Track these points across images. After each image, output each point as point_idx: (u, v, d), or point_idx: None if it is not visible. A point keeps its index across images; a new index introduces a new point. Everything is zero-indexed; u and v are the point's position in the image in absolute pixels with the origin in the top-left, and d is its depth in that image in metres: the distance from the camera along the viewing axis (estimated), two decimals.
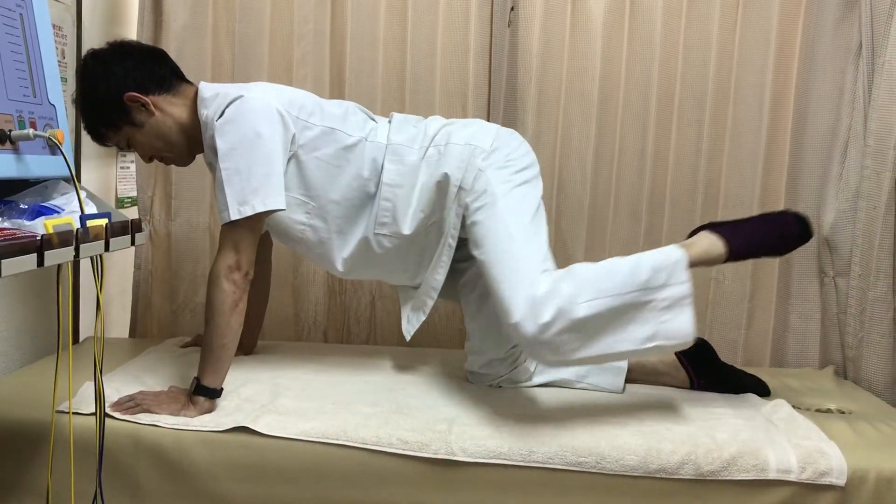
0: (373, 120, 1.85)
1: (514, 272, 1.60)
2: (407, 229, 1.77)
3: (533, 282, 1.57)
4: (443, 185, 1.74)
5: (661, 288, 1.59)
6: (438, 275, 1.80)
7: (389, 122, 1.85)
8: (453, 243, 1.77)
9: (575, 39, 2.28)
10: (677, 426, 1.59)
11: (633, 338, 1.58)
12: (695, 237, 1.71)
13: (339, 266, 1.85)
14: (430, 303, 1.82)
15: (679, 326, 1.59)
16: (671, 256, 1.62)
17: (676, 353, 1.94)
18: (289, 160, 1.72)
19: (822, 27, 2.14)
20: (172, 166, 2.09)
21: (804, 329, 2.26)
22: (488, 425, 1.57)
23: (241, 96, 1.67)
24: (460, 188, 1.73)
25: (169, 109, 1.75)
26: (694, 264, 1.63)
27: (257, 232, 1.69)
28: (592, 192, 2.31)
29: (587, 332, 1.55)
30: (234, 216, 1.62)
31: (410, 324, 1.87)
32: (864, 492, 1.46)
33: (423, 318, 1.84)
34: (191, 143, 1.79)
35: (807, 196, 2.21)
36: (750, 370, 1.97)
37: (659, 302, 1.58)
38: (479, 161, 1.72)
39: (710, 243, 1.67)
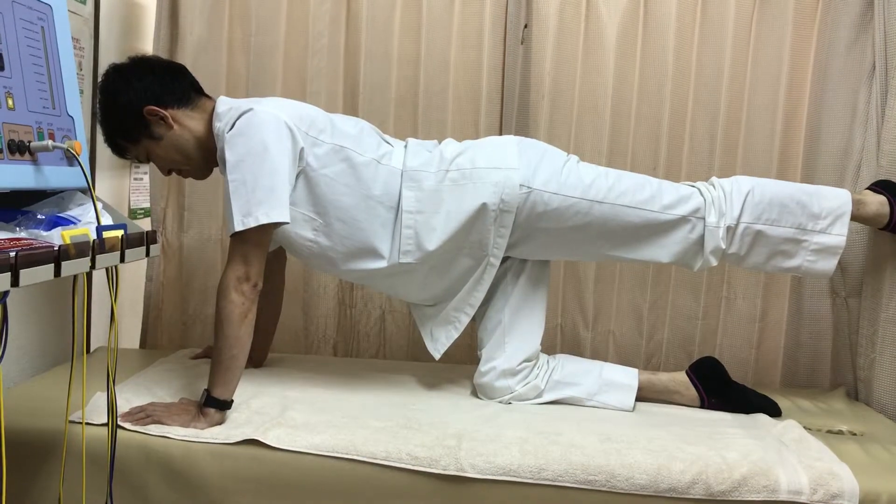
0: (388, 143, 1.86)
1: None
2: (432, 253, 1.79)
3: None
4: (480, 213, 1.77)
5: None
6: (479, 292, 1.86)
7: (405, 146, 1.86)
8: (496, 262, 1.82)
9: (588, 57, 2.29)
10: (688, 445, 1.58)
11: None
12: (871, 198, 1.90)
13: (344, 279, 1.87)
14: (466, 319, 1.89)
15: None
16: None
17: (687, 372, 1.94)
18: (298, 176, 1.73)
19: (836, 48, 2.14)
20: (187, 179, 2.10)
21: (815, 349, 2.25)
22: (498, 442, 1.56)
23: (251, 109, 1.69)
24: (502, 210, 1.77)
25: (187, 123, 1.77)
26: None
27: (266, 244, 1.70)
28: None
29: None
30: (238, 227, 1.63)
31: (438, 342, 1.91)
32: None
33: (456, 336, 1.90)
34: (208, 156, 1.81)
35: None
36: (760, 390, 1.96)
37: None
38: (517, 181, 1.77)
39: (880, 204, 1.89)
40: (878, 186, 1.92)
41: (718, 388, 1.91)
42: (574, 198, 1.79)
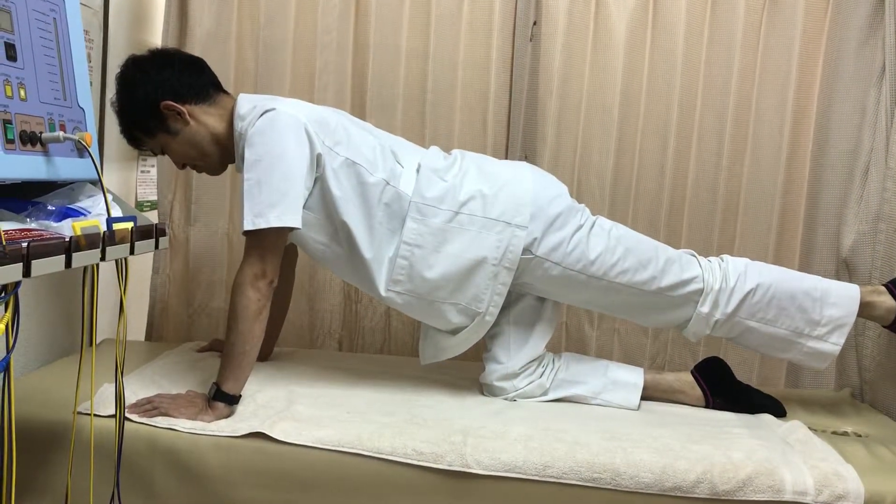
0: (399, 164, 1.81)
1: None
2: (424, 289, 1.78)
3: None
4: (479, 264, 1.77)
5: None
6: (467, 346, 1.88)
7: (417, 171, 1.81)
8: (491, 320, 1.82)
9: (597, 54, 2.29)
10: (693, 445, 1.58)
11: None
12: (881, 302, 1.85)
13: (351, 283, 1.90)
14: (450, 356, 1.91)
15: None
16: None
17: (692, 371, 1.94)
18: (315, 181, 1.73)
19: (845, 49, 2.14)
20: (194, 172, 2.11)
21: None
22: (503, 439, 1.56)
23: (273, 108, 1.68)
24: (503, 267, 1.76)
25: (204, 119, 1.77)
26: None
27: (281, 244, 1.70)
28: (611, 206, 2.32)
29: None
30: (248, 226, 1.63)
31: (426, 352, 1.94)
32: None
33: (441, 360, 1.92)
34: (223, 153, 1.81)
35: (826, 217, 2.21)
36: (765, 390, 1.96)
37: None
38: (523, 241, 1.76)
39: (887, 311, 1.84)
40: (895, 288, 1.87)
41: (723, 388, 1.91)
42: (573, 271, 1.80)
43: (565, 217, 1.81)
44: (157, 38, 2.37)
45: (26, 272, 1.02)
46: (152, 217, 2.39)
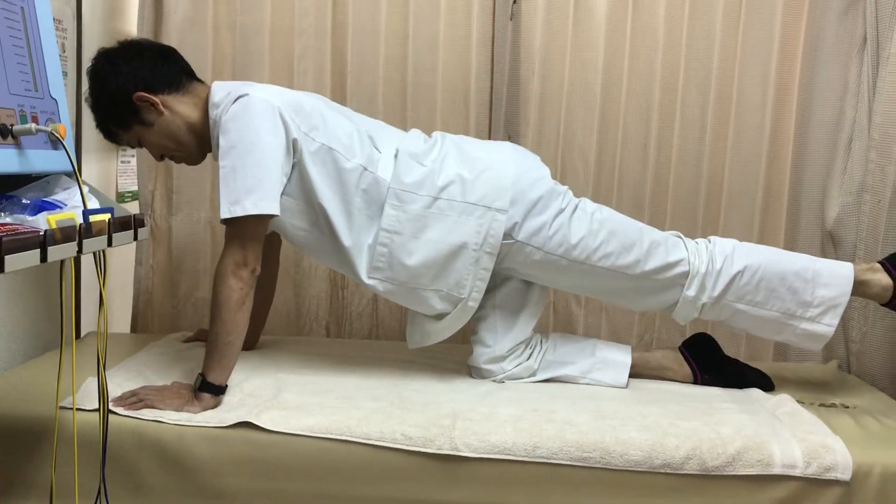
0: (377, 150, 1.79)
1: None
2: (405, 276, 1.77)
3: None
4: (460, 250, 1.75)
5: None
6: (453, 330, 1.86)
7: (395, 156, 1.79)
8: (474, 305, 1.81)
9: (578, 32, 2.27)
10: (682, 421, 1.58)
11: None
12: (876, 281, 1.80)
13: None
14: (437, 341, 1.90)
15: None
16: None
17: (680, 348, 1.94)
18: (294, 167, 1.71)
19: (827, 20, 2.13)
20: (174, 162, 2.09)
21: None
22: (492, 421, 1.56)
23: (246, 94, 1.66)
24: (484, 252, 1.75)
25: (178, 109, 1.75)
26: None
27: (262, 232, 1.68)
28: (595, 184, 2.31)
29: None
30: (225, 214, 1.62)
31: (413, 338, 1.93)
32: (870, 486, 1.46)
33: (427, 345, 1.91)
34: (200, 142, 1.79)
35: (810, 190, 2.21)
36: (753, 365, 1.96)
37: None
38: (503, 226, 1.74)
39: (882, 289, 1.80)
40: (890, 265, 1.82)
41: (711, 364, 1.92)
42: (555, 255, 1.78)
43: (546, 201, 1.79)
44: (132, 26, 2.33)
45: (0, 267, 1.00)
46: (134, 208, 2.37)
